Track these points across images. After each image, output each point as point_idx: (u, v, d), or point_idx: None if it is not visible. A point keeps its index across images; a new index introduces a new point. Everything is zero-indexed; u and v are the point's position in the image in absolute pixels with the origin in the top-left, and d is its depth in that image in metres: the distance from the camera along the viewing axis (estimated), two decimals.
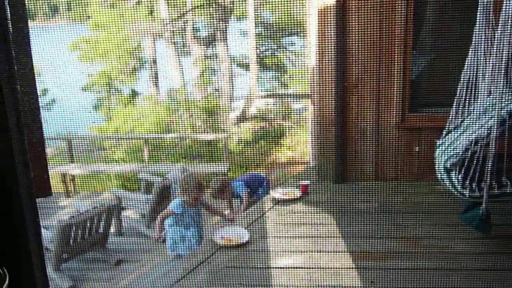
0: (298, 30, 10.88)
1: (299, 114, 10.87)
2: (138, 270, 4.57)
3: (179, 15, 11.20)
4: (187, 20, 11.31)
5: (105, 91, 11.31)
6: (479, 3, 2.98)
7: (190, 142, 9.54)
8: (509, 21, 2.84)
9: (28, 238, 0.62)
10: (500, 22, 2.88)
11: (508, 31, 2.85)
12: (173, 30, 11.47)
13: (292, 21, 10.57)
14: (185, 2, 11.04)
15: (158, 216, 4.20)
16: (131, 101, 11.32)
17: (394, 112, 4.62)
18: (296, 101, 10.93)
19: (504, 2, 2.84)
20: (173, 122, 10.16)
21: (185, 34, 11.58)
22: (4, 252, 0.61)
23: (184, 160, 8.94)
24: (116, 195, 6.12)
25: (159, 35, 11.47)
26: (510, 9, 2.81)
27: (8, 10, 0.68)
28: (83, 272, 4.88)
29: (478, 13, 3.00)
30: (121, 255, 5.05)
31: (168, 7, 11.09)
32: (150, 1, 11.37)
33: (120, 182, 8.39)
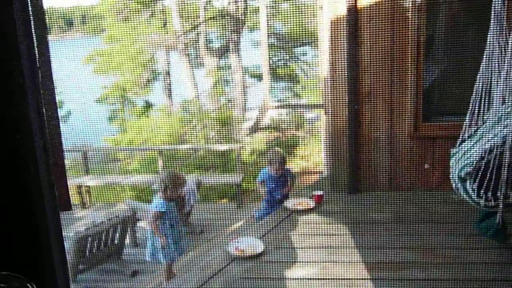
0: (310, 40, 10.92)
1: (312, 124, 10.87)
2: (154, 281, 4.59)
3: (192, 27, 11.32)
4: (200, 32, 11.42)
5: (119, 103, 11.43)
6: (492, 11, 2.98)
7: (203, 153, 9.58)
8: None
9: (53, 252, 0.64)
10: None
11: None
12: (186, 42, 11.58)
13: (304, 31, 10.61)
14: (198, 14, 11.15)
15: (150, 223, 4.12)
16: (145, 113, 11.42)
17: (407, 122, 4.61)
18: (309, 111, 10.93)
19: None
20: (186, 133, 10.22)
21: (198, 46, 11.69)
22: (30, 265, 0.63)
23: (198, 171, 8.97)
24: (131, 206, 6.15)
25: (172, 47, 11.59)
26: None
27: (32, 23, 0.70)
28: (99, 283, 4.90)
29: (491, 21, 3.00)
30: (136, 266, 5.07)
31: (181, 20, 11.20)
32: (163, 13, 11.51)
33: (135, 194, 8.44)
